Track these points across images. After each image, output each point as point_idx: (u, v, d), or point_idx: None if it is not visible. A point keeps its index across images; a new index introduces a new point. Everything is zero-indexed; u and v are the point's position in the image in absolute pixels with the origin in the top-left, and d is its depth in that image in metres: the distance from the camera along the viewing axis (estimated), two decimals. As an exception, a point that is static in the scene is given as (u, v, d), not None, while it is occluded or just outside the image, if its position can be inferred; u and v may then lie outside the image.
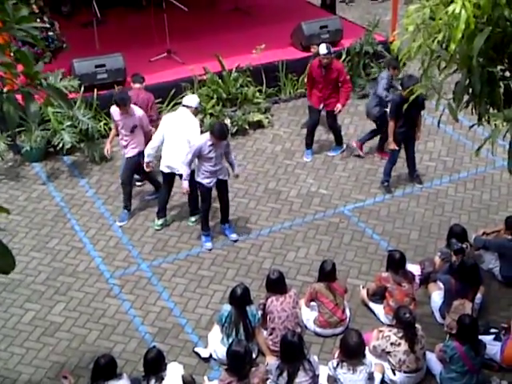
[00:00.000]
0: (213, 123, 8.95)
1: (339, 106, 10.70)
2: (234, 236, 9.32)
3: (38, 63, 4.97)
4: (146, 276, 8.71)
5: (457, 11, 5.23)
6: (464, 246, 8.19)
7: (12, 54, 4.59)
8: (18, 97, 4.72)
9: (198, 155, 8.59)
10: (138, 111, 9.33)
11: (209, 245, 9.19)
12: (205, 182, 8.79)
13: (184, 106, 9.23)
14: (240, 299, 7.38)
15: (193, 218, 9.59)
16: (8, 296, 8.35)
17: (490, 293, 8.39)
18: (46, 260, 8.94)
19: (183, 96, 11.45)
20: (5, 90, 4.63)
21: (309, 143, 11.12)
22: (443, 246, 8.56)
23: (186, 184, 8.79)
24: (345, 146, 11.28)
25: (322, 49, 10.41)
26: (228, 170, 9.03)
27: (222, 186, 8.99)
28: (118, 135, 9.59)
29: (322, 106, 10.79)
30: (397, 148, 9.97)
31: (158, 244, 9.25)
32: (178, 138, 9.02)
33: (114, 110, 9.37)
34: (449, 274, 8.00)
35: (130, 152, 9.44)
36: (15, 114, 4.39)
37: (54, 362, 7.55)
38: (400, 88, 10.19)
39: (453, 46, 5.37)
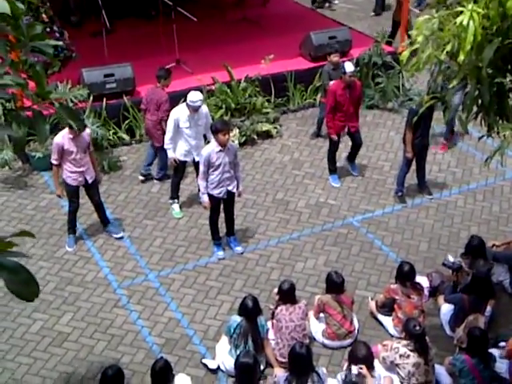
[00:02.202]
0: (211, 125, 8.94)
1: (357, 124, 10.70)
2: (239, 249, 9.28)
3: (51, 84, 4.99)
4: (154, 286, 8.68)
5: (465, 23, 5.21)
6: (458, 261, 8.18)
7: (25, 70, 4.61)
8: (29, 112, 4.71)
9: (208, 164, 8.60)
10: (86, 129, 9.08)
11: (221, 253, 9.18)
12: (214, 192, 8.76)
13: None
14: (252, 311, 7.35)
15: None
16: (16, 306, 8.34)
17: (500, 305, 8.32)
18: (54, 269, 8.93)
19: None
20: (15, 106, 4.64)
21: (333, 169, 10.77)
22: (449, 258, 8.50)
23: (205, 198, 8.80)
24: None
25: (349, 66, 10.05)
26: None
27: (229, 197, 8.97)
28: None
29: (346, 129, 10.53)
30: (411, 157, 9.96)
31: (166, 254, 9.23)
32: None
33: (64, 140, 8.71)
34: (457, 292, 7.98)
35: (93, 173, 9.14)
36: (23, 136, 4.40)
37: (62, 372, 7.52)
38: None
39: (462, 57, 5.34)
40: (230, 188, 8.84)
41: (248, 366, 6.81)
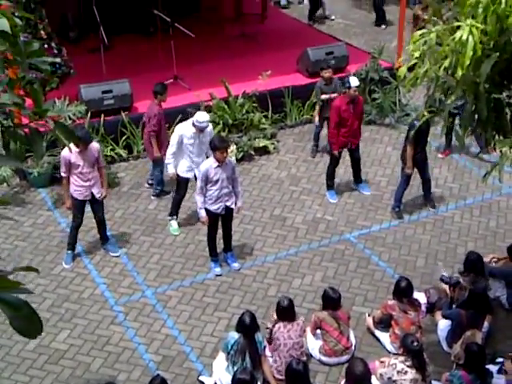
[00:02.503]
0: (210, 140, 8.96)
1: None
2: (236, 265, 9.27)
3: (49, 101, 5.01)
4: (151, 303, 8.67)
5: (464, 38, 5.22)
6: (455, 277, 8.16)
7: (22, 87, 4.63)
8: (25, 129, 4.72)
9: (205, 180, 8.61)
10: (94, 143, 9.12)
11: (218, 270, 9.17)
12: (213, 208, 8.76)
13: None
14: (249, 327, 7.34)
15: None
16: (12, 323, 8.30)
17: (497, 321, 8.31)
18: (50, 286, 8.92)
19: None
20: (13, 124, 4.64)
21: (331, 184, 10.75)
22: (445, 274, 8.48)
23: (203, 213, 8.80)
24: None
25: (355, 81, 10.04)
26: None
27: (227, 213, 8.97)
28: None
29: (349, 145, 10.47)
30: (411, 173, 10.00)
31: (163, 271, 9.22)
32: None
33: (68, 154, 8.70)
34: (454, 308, 7.96)
35: (100, 188, 9.15)
36: (21, 155, 4.43)
37: (58, 389, 7.52)
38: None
39: (460, 73, 5.37)
40: (228, 204, 8.84)
41: (245, 383, 6.78)
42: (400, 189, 10.19)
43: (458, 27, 5.37)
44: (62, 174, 8.98)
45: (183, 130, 9.40)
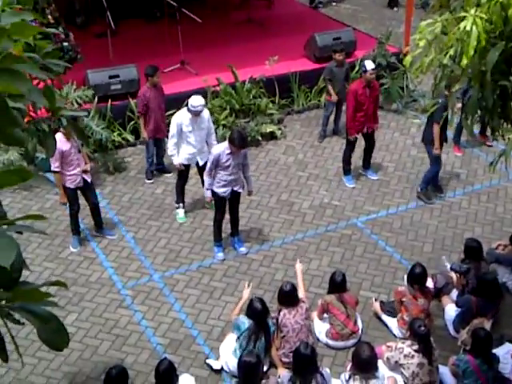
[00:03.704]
0: (231, 131, 9.01)
1: (377, 125, 10.65)
2: (243, 249, 9.29)
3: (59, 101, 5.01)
4: (158, 287, 8.70)
5: (468, 28, 5.22)
6: (466, 266, 8.12)
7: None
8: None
9: (216, 164, 8.62)
10: None
11: (221, 255, 9.19)
12: (219, 191, 8.78)
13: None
14: (262, 313, 7.36)
15: None
16: (21, 306, 8.34)
17: (504, 307, 8.30)
18: (58, 270, 8.96)
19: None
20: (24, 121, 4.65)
21: (348, 169, 10.72)
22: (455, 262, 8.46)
23: (208, 193, 8.84)
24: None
25: (370, 64, 10.05)
26: (243, 184, 9.03)
27: (234, 198, 8.98)
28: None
29: (366, 129, 10.41)
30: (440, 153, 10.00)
31: (170, 255, 9.25)
32: None
33: (61, 143, 8.63)
34: (467, 294, 7.95)
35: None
36: (33, 151, 4.45)
37: (66, 372, 7.55)
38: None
39: (465, 61, 5.37)
40: (235, 188, 8.85)
41: (251, 365, 6.80)
42: (429, 173, 10.15)
43: (464, 17, 5.36)
44: (56, 170, 8.91)
45: (180, 118, 9.34)
